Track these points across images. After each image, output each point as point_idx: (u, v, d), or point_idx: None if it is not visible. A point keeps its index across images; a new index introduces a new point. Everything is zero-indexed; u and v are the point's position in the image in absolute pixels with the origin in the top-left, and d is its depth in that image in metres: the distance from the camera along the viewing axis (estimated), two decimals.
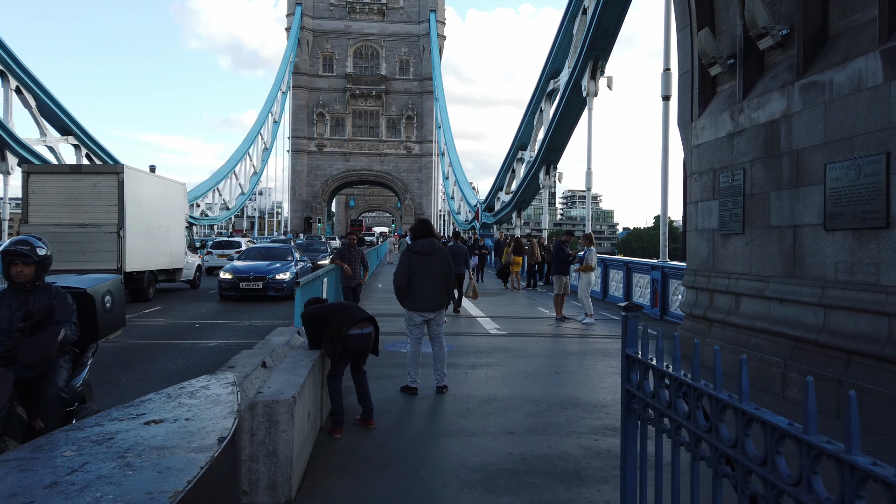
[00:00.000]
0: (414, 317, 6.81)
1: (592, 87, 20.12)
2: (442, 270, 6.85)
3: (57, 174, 15.41)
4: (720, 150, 8.67)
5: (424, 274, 6.72)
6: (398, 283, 6.75)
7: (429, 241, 6.82)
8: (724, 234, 8.55)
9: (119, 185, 14.56)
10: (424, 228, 6.95)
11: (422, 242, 6.81)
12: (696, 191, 9.34)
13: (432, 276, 6.76)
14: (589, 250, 13.11)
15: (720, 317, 8.46)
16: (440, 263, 6.83)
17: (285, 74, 76.05)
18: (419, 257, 6.75)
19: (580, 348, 9.88)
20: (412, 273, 6.71)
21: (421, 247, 6.77)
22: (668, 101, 14.60)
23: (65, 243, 13.43)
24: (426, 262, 6.75)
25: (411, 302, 6.76)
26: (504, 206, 34.98)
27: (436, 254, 6.82)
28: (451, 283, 7.04)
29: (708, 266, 8.99)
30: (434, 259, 6.80)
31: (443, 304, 6.93)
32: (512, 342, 10.34)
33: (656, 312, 14.19)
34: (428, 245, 6.79)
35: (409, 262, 6.73)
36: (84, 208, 14.39)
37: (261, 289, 16.95)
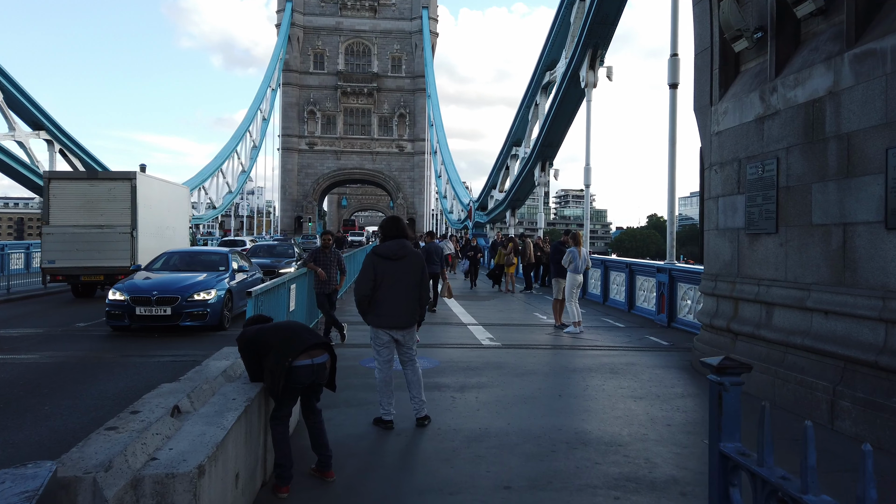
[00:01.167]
0: (380, 335, 5.62)
1: (591, 78, 18.96)
2: (414, 279, 5.67)
3: (76, 180, 16.91)
4: (747, 136, 7.52)
5: (393, 283, 5.53)
6: (360, 293, 5.55)
7: (399, 244, 5.63)
8: (751, 233, 7.40)
9: (132, 189, 15.88)
10: (395, 227, 5.74)
11: (391, 244, 5.61)
12: (717, 184, 8.18)
13: (402, 285, 5.57)
14: (571, 251, 11.95)
15: (748, 329, 7.31)
16: (412, 270, 5.65)
17: (275, 71, 74.72)
18: (387, 263, 5.56)
19: (584, 364, 8.71)
20: (377, 282, 5.52)
21: (389, 250, 5.58)
22: (675, 89, 13.46)
23: (83, 243, 15.28)
24: (395, 269, 5.56)
25: (376, 317, 5.57)
26: (498, 204, 33.79)
27: (407, 258, 5.63)
28: (426, 294, 5.84)
29: (731, 270, 7.84)
30: (405, 265, 5.61)
31: (414, 320, 5.73)
32: (507, 356, 9.16)
33: (663, 319, 13.04)
34: (398, 248, 5.60)
35: (374, 269, 5.54)
36: (100, 211, 15.74)
37: (168, 315, 10.79)
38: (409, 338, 5.71)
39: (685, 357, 9.25)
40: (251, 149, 67.14)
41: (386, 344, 5.64)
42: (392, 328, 5.58)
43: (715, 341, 8.05)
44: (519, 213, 38.48)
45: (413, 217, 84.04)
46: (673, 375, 8.06)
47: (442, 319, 13.02)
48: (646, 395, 6.94)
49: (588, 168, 19.31)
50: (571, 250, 11.92)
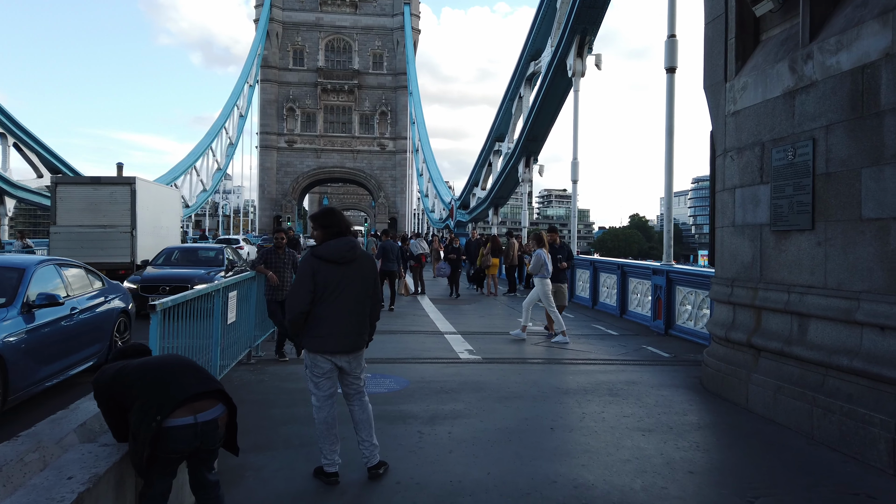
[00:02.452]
0: (320, 363, 4.32)
1: (579, 66, 17.75)
2: (366, 289, 4.40)
3: (80, 184, 18.22)
4: (772, 114, 6.32)
5: (339, 294, 4.25)
6: (294, 308, 4.24)
7: (346, 243, 4.32)
8: (779, 230, 6.20)
9: (132, 193, 17.42)
10: (334, 221, 4.41)
11: (337, 244, 4.30)
12: (733, 173, 6.98)
13: (351, 297, 4.29)
14: (538, 253, 10.82)
15: (775, 346, 6.10)
16: (364, 277, 4.38)
17: (253, 67, 72.94)
18: (330, 268, 4.26)
19: (578, 383, 7.46)
20: (318, 293, 4.23)
21: (335, 251, 4.28)
22: (673, 73, 12.28)
23: (87, 241, 16.61)
24: (342, 276, 4.27)
25: (315, 339, 4.27)
26: (480, 202, 32.51)
27: (358, 262, 4.35)
28: (377, 308, 4.58)
29: (752, 275, 6.63)
30: (355, 271, 4.33)
31: (364, 342, 4.45)
32: (488, 373, 7.89)
33: (659, 326, 11.87)
34: (346, 249, 4.30)
35: (315, 276, 4.24)
36: (103, 212, 17.24)
37: None
38: (356, 364, 4.41)
39: (692, 373, 8.06)
40: (227, 146, 65.28)
41: (327, 374, 4.33)
42: (336, 353, 4.28)
43: (731, 358, 6.85)
44: (502, 213, 37.32)
45: (395, 216, 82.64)
46: (682, 398, 6.84)
47: (417, 328, 11.73)
48: (655, 427, 5.70)
49: (575, 162, 18.11)
50: (538, 253, 10.79)
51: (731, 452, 5.21)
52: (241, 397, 6.50)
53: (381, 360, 8.52)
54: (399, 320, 12.85)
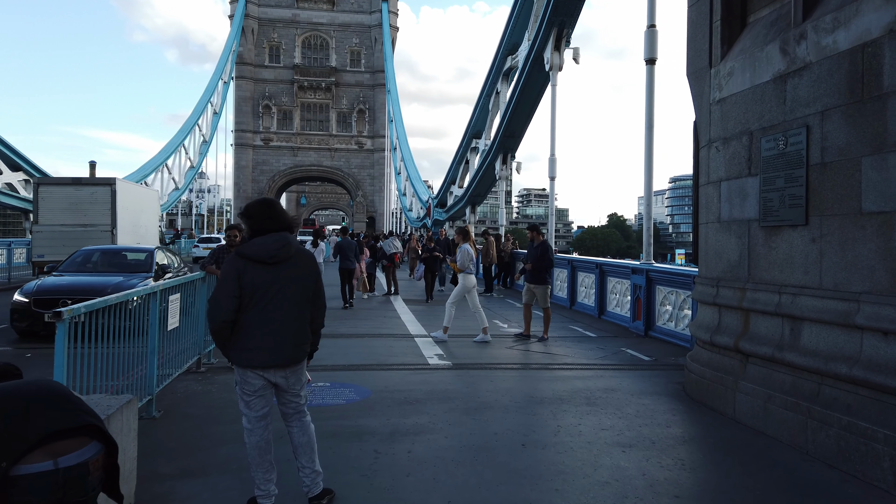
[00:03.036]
0: (250, 379, 3.72)
1: (557, 60, 17.27)
2: (304, 292, 3.80)
3: (62, 185, 18.53)
4: (761, 101, 5.85)
5: (270, 299, 3.65)
6: (216, 317, 3.64)
7: (277, 240, 3.72)
8: (769, 226, 5.73)
9: (112, 193, 17.88)
10: (270, 214, 3.80)
11: (263, 242, 3.70)
12: (719, 165, 6.51)
13: (285, 302, 3.69)
14: (463, 249, 10.46)
15: (765, 351, 5.63)
16: (301, 279, 3.78)
17: (227, 63, 71.64)
18: (259, 269, 3.66)
19: (553, 391, 6.94)
20: (245, 298, 3.63)
21: (263, 249, 3.67)
22: (653, 65, 11.83)
23: (69, 239, 16.46)
24: (274, 278, 3.68)
25: (243, 353, 3.67)
26: (457, 200, 31.95)
27: (293, 262, 3.75)
28: (320, 314, 3.97)
29: (739, 274, 6.16)
30: (290, 272, 3.73)
31: (303, 354, 3.85)
32: (458, 381, 7.33)
33: (639, 327, 11.42)
34: (277, 246, 3.69)
35: (240, 278, 3.64)
36: (84, 212, 17.63)
37: None
38: (294, 380, 3.81)
39: (673, 378, 7.59)
40: (201, 144, 63.96)
41: (259, 392, 3.74)
42: (269, 368, 3.69)
43: (717, 363, 6.37)
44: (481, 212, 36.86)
45: (373, 215, 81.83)
46: (665, 407, 6.35)
47: (386, 330, 11.15)
48: (636, 442, 5.19)
49: (553, 158, 17.63)
50: (464, 248, 10.41)
51: (720, 471, 4.72)
52: (181, 411, 5.88)
53: (344, 367, 7.93)
54: (368, 322, 12.25)
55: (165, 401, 6.18)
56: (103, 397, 3.76)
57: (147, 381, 5.70)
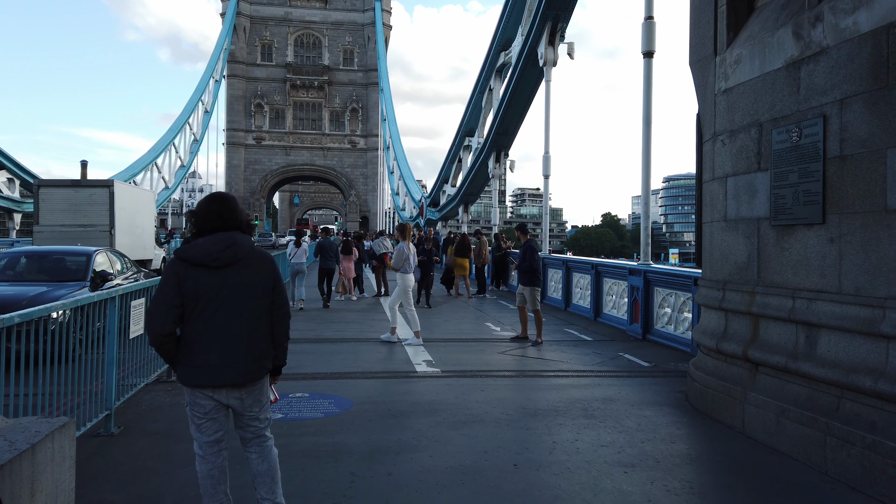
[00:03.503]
0: (198, 400, 3.25)
1: (551, 55, 16.82)
2: (258, 299, 3.31)
3: (62, 187, 19.13)
4: (773, 90, 5.41)
5: (217, 308, 3.18)
6: (154, 328, 3.16)
7: (223, 241, 3.24)
8: (781, 224, 5.30)
9: (110, 195, 18.33)
10: (219, 212, 3.28)
11: (206, 243, 3.22)
12: (725, 160, 6.07)
13: (236, 311, 3.22)
14: (400, 247, 10.13)
15: (777, 360, 5.19)
16: (254, 284, 3.30)
17: (219, 61, 70.98)
18: (202, 274, 3.19)
19: (548, 401, 6.49)
20: (188, 307, 3.17)
21: (202, 252, 3.19)
22: (650, 58, 11.41)
23: (68, 239, 16.59)
24: (221, 285, 3.20)
25: (189, 370, 3.20)
26: (450, 199, 31.48)
27: (243, 265, 3.28)
28: (283, 323, 3.42)
29: (748, 276, 5.73)
30: (239, 276, 3.26)
31: (262, 370, 3.35)
32: (446, 390, 6.88)
33: (636, 330, 11.00)
34: (217, 248, 3.21)
35: (180, 285, 3.17)
36: (83, 213, 18.08)
37: None
38: (251, 401, 3.34)
39: (675, 386, 7.16)
40: (191, 142, 63.29)
41: (210, 414, 3.27)
42: (219, 387, 3.22)
43: (723, 372, 5.94)
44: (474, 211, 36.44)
45: (366, 215, 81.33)
46: (668, 419, 5.91)
47: (374, 334, 10.68)
48: (639, 461, 4.75)
49: (547, 156, 17.19)
50: (400, 246, 10.09)
51: (732, 495, 4.27)
52: (144, 426, 5.41)
53: (326, 375, 7.47)
54: (355, 325, 11.79)
55: (128, 414, 5.70)
56: (34, 421, 3.28)
57: (105, 395, 5.22)
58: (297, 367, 7.39)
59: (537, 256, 10.38)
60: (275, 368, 3.47)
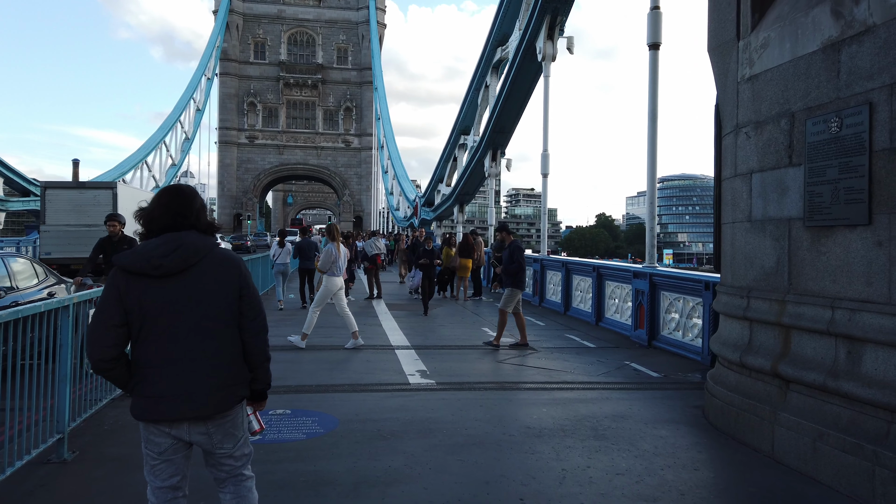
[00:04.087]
0: (153, 437, 2.66)
1: (550, 50, 16.27)
2: (221, 313, 2.70)
3: (67, 188, 20.15)
4: (807, 76, 4.86)
5: (168, 327, 2.60)
6: (94, 355, 2.57)
7: (168, 242, 2.63)
8: (817, 226, 4.75)
9: (113, 196, 19.15)
10: (165, 206, 2.70)
11: (146, 248, 2.64)
12: (749, 154, 5.52)
13: (191, 329, 2.63)
14: (328, 248, 9.74)
15: (812, 378, 4.64)
16: (212, 295, 2.69)
17: (211, 59, 70.15)
18: (148, 285, 2.60)
19: (553, 418, 5.92)
20: (134, 326, 2.59)
21: (141, 258, 2.60)
22: (656, 50, 10.86)
23: (73, 238, 17.89)
24: (173, 296, 2.61)
25: (141, 401, 2.61)
26: (444, 199, 30.87)
27: (197, 271, 2.66)
28: (258, 338, 2.80)
29: (777, 283, 5.17)
30: (195, 286, 2.66)
31: (231, 400, 2.73)
32: (442, 406, 6.30)
33: (641, 336, 10.44)
34: (160, 253, 2.61)
35: (122, 299, 2.58)
36: (87, 213, 18.63)
37: None
38: (221, 436, 2.73)
39: (689, 400, 6.61)
40: (183, 141, 62.46)
41: (165, 455, 2.67)
42: (177, 421, 2.63)
43: (748, 388, 5.38)
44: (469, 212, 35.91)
45: (360, 215, 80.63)
46: (687, 441, 5.35)
47: (363, 340, 10.09)
48: (662, 494, 4.18)
49: (545, 154, 16.63)
50: (328, 248, 9.67)
51: None
52: (102, 451, 4.81)
53: (311, 388, 6.88)
54: (345, 331, 11.15)
55: (87, 436, 5.11)
56: None
57: (58, 416, 4.62)
58: (279, 380, 6.79)
59: (524, 257, 10.05)
60: (255, 393, 2.86)
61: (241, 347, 2.77)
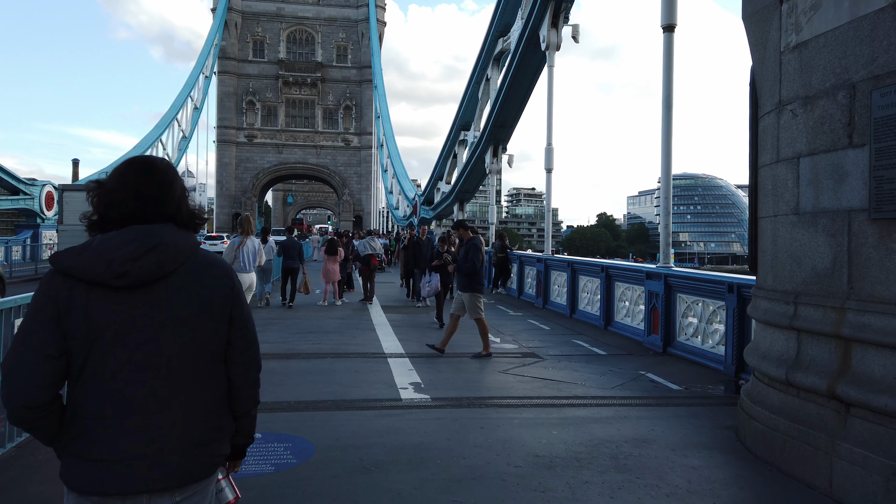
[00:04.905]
0: None
1: (554, 38, 15.43)
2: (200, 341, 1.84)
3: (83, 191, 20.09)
4: (871, 39, 4.05)
5: (125, 360, 1.74)
6: (15, 398, 1.70)
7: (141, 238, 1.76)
8: (885, 218, 3.93)
9: None
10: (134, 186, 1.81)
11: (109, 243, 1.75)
12: (797, 134, 4.70)
13: (156, 364, 1.77)
14: (233, 241, 9.68)
15: (884, 402, 3.82)
16: (191, 315, 1.83)
17: (209, 57, 69.44)
18: (100, 297, 1.74)
19: (565, 442, 5.10)
20: (76, 356, 1.73)
21: (102, 259, 1.72)
22: (671, 32, 10.04)
23: None
24: (131, 319, 1.75)
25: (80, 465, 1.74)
26: (444, 197, 30.04)
27: (173, 282, 1.81)
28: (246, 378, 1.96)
29: (833, 287, 4.35)
30: (163, 302, 1.79)
31: (208, 465, 1.87)
32: (437, 427, 5.48)
33: (656, 342, 9.64)
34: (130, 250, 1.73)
35: (62, 318, 1.72)
36: None
37: None
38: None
39: (719, 419, 5.80)
40: (180, 139, 61.66)
41: None
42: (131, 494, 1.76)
43: (795, 410, 4.56)
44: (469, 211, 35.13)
45: (360, 214, 79.88)
46: (724, 473, 4.54)
47: (354, 348, 9.29)
48: None
49: (549, 148, 15.80)
50: (232, 241, 9.21)
51: None
52: (23, 490, 4.00)
53: (289, 405, 6.07)
54: (335, 336, 10.38)
55: (15, 468, 4.32)
56: None
57: None
58: None
59: (482, 257, 9.07)
60: (234, 449, 2.04)
61: (224, 389, 1.94)
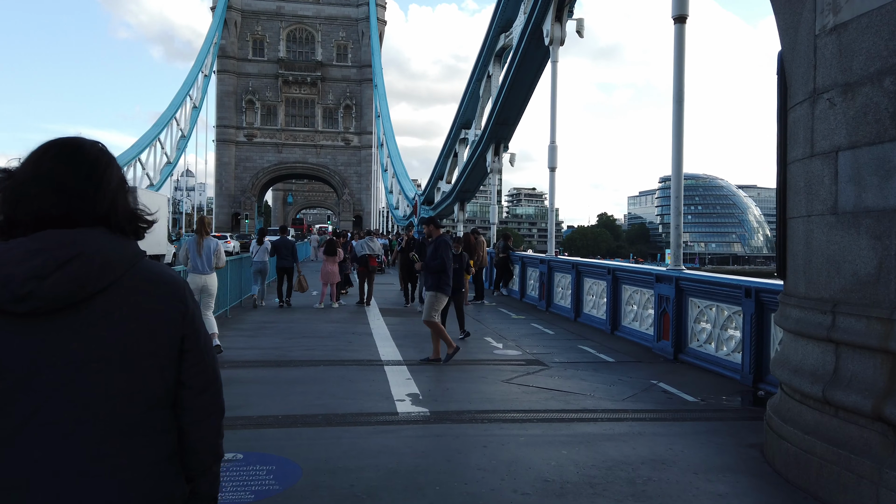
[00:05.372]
0: None
1: (558, 32, 14.99)
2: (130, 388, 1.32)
3: None
4: None
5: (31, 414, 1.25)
6: None
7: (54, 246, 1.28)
8: None
9: None
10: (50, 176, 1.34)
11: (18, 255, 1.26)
12: (836, 126, 4.24)
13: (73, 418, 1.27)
14: (186, 241, 9.12)
15: None
16: (124, 351, 1.32)
17: (208, 55, 69.02)
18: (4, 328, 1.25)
19: (576, 464, 4.65)
20: None
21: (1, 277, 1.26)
22: (683, 23, 9.57)
23: None
24: (47, 355, 1.26)
25: None
26: (445, 196, 29.58)
27: (99, 306, 1.31)
28: (204, 428, 1.47)
29: (878, 295, 3.90)
30: (85, 333, 1.29)
31: None
32: (438, 447, 5.03)
33: (666, 349, 9.18)
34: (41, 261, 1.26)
35: None
36: None
37: None
38: None
39: (741, 436, 5.34)
40: (179, 139, 61.22)
41: None
42: None
43: (834, 431, 4.10)
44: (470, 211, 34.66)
45: (360, 214, 79.44)
46: (752, 499, 4.10)
47: (349, 354, 8.84)
48: None
49: (553, 146, 15.33)
50: (187, 239, 8.80)
51: None
52: None
53: (276, 420, 5.61)
54: (330, 342, 9.93)
55: None
56: None
57: None
58: (236, 409, 5.56)
59: (450, 255, 8.67)
60: None
61: (176, 441, 1.46)
